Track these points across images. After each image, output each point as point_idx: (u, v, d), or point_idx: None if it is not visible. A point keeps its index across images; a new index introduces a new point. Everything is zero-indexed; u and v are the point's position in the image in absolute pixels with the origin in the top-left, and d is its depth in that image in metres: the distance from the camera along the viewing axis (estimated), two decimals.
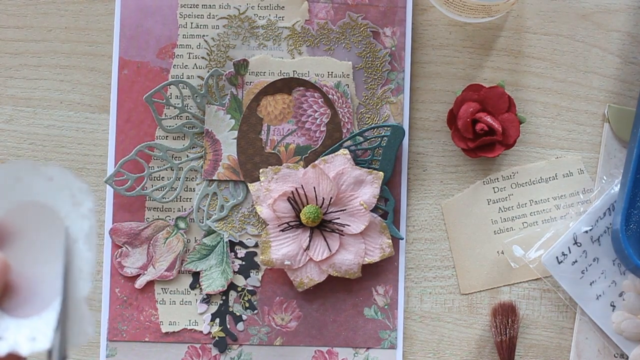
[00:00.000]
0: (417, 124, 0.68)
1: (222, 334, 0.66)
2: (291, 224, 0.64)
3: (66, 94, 0.68)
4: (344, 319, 0.66)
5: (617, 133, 0.67)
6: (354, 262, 0.64)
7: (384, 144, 0.65)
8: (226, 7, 0.67)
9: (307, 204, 0.64)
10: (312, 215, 0.63)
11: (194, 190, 0.66)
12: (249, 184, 0.65)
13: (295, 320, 0.66)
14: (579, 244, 0.66)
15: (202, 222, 0.66)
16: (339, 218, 0.64)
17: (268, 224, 0.65)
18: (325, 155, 0.65)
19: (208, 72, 0.66)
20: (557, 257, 0.66)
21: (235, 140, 0.66)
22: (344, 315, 0.66)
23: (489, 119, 0.65)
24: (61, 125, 0.68)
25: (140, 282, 0.66)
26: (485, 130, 0.65)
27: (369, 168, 0.65)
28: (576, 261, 0.66)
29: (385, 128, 0.65)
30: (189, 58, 0.67)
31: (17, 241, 0.40)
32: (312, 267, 0.65)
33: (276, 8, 0.67)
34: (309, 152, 0.66)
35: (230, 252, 0.66)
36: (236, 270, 0.66)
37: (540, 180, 0.67)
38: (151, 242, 0.66)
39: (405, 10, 0.66)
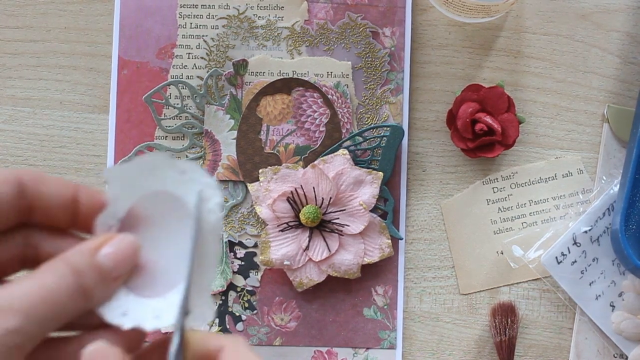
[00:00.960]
0: (416, 124, 0.68)
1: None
2: (290, 224, 0.64)
3: (65, 94, 0.68)
4: (343, 319, 0.66)
5: (616, 133, 0.67)
6: (353, 262, 0.64)
7: (384, 144, 0.65)
8: (225, 7, 0.67)
9: (307, 204, 0.64)
10: (311, 216, 0.63)
11: None
12: (248, 184, 0.65)
13: (295, 321, 0.66)
14: (578, 244, 0.66)
15: None
16: (338, 218, 0.64)
17: (267, 224, 0.65)
18: (325, 155, 0.65)
19: (207, 72, 0.66)
20: (556, 257, 0.66)
21: (235, 141, 0.66)
22: (343, 315, 0.66)
23: (488, 119, 0.65)
24: (60, 126, 0.68)
25: None
26: (484, 131, 0.65)
27: (368, 168, 0.65)
28: (575, 261, 0.66)
29: (385, 128, 0.65)
30: (189, 58, 0.67)
31: (148, 226, 0.42)
32: (312, 267, 0.65)
33: (275, 8, 0.67)
34: (308, 152, 0.66)
35: (230, 252, 0.66)
36: (235, 270, 0.66)
37: (539, 181, 0.67)
38: None
39: (405, 10, 0.66)
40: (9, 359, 0.37)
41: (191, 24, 0.67)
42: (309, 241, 0.64)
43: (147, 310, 0.41)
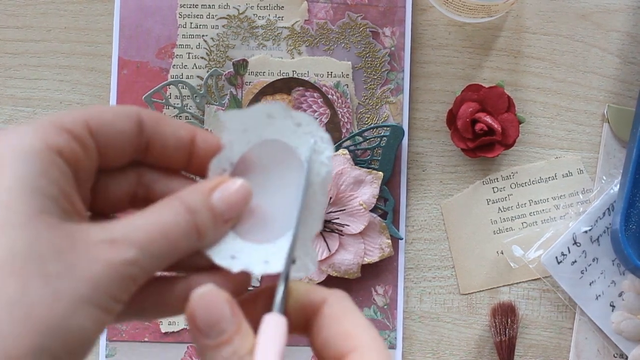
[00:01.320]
0: (416, 124, 0.68)
1: None
2: None
3: (66, 94, 0.68)
4: None
5: (616, 133, 0.67)
6: (353, 262, 0.64)
7: (384, 144, 0.65)
8: (225, 7, 0.67)
9: None
10: None
11: None
12: None
13: None
14: (578, 244, 0.66)
15: None
16: (338, 218, 0.64)
17: None
18: None
19: (207, 72, 0.66)
20: (556, 257, 0.66)
21: None
22: None
23: (488, 119, 0.65)
24: None
25: None
26: (484, 130, 0.65)
27: (368, 168, 0.65)
28: (575, 261, 0.66)
29: (385, 128, 0.65)
30: (189, 58, 0.67)
31: (261, 173, 0.43)
32: None
33: (275, 8, 0.67)
34: None
35: None
36: None
37: (539, 180, 0.67)
38: None
39: (405, 10, 0.66)
40: (122, 289, 0.38)
41: (191, 23, 0.67)
42: None
43: (255, 255, 0.41)
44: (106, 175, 0.42)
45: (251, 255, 0.41)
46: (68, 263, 0.38)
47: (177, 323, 0.66)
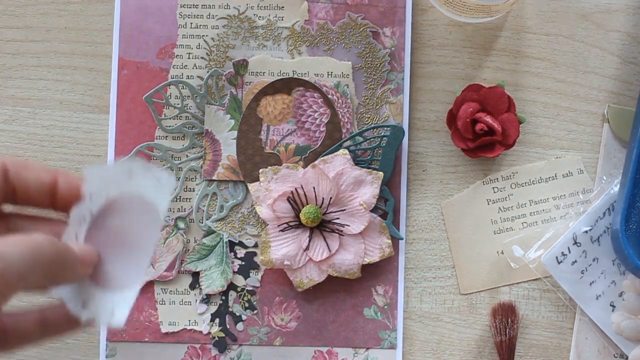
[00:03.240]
0: (416, 124, 0.68)
1: (222, 334, 0.66)
2: (291, 224, 0.64)
3: (66, 94, 0.68)
4: (343, 319, 0.66)
5: (616, 133, 0.67)
6: (353, 262, 0.64)
7: (384, 144, 0.65)
8: (226, 7, 0.67)
9: (307, 204, 0.64)
10: (311, 216, 0.63)
11: (194, 191, 0.66)
12: (248, 184, 0.65)
13: (295, 321, 0.66)
14: (578, 244, 0.66)
15: (202, 222, 0.66)
16: (338, 218, 0.64)
17: (268, 224, 0.65)
18: (325, 155, 0.65)
19: (208, 72, 0.66)
20: (556, 257, 0.66)
21: (235, 141, 0.66)
22: (343, 315, 0.66)
23: (488, 119, 0.65)
24: (61, 126, 0.68)
25: None
26: (485, 130, 0.65)
27: (368, 168, 0.65)
28: (576, 261, 0.66)
29: (385, 128, 0.65)
30: (189, 58, 0.67)
31: (117, 224, 0.46)
32: (312, 267, 0.65)
33: (276, 8, 0.67)
34: (308, 152, 0.66)
35: (230, 252, 0.66)
36: (236, 270, 0.66)
37: (539, 180, 0.67)
38: None
39: (405, 10, 0.66)
40: None
41: (191, 24, 0.67)
42: (309, 241, 0.64)
43: (103, 304, 0.45)
44: None
45: (100, 303, 0.45)
46: None
47: (177, 323, 0.66)
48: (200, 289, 0.66)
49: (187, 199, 0.66)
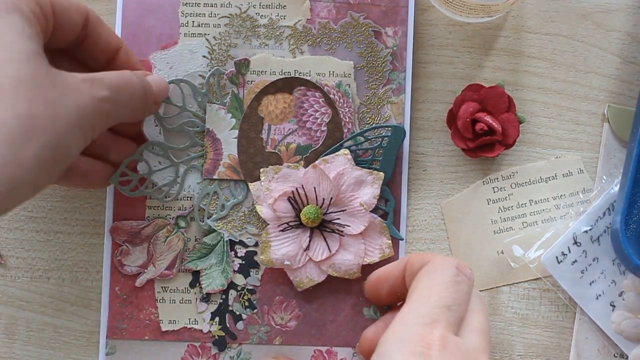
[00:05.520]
0: (417, 124, 0.68)
1: (222, 333, 0.66)
2: (291, 224, 0.64)
3: None
4: (343, 318, 0.66)
5: (616, 133, 0.67)
6: (353, 262, 0.64)
7: (385, 144, 0.65)
8: (228, 5, 0.67)
9: (307, 204, 0.64)
10: (312, 216, 0.63)
11: (195, 190, 0.66)
12: (249, 184, 0.65)
13: (295, 320, 0.66)
14: (578, 244, 0.66)
15: (203, 221, 0.66)
16: (339, 218, 0.64)
17: (268, 224, 0.65)
18: (326, 155, 0.65)
19: (209, 71, 0.66)
20: (556, 257, 0.66)
21: (236, 140, 0.66)
22: (343, 315, 0.66)
23: (488, 118, 0.65)
24: None
25: (140, 281, 0.66)
26: (485, 130, 0.65)
27: (369, 168, 0.65)
28: (576, 261, 0.66)
29: (386, 128, 0.65)
30: None
31: None
32: (312, 267, 0.65)
33: (278, 7, 0.67)
34: (309, 151, 0.66)
35: (230, 251, 0.66)
36: (236, 269, 0.66)
37: (540, 180, 0.68)
38: (151, 240, 0.66)
39: (407, 9, 0.67)
40: (98, 123, 0.51)
41: (193, 22, 0.67)
42: (310, 241, 0.64)
43: None
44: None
45: None
46: (61, 93, 0.47)
47: (177, 322, 0.66)
48: (201, 287, 0.66)
49: (188, 197, 0.66)
